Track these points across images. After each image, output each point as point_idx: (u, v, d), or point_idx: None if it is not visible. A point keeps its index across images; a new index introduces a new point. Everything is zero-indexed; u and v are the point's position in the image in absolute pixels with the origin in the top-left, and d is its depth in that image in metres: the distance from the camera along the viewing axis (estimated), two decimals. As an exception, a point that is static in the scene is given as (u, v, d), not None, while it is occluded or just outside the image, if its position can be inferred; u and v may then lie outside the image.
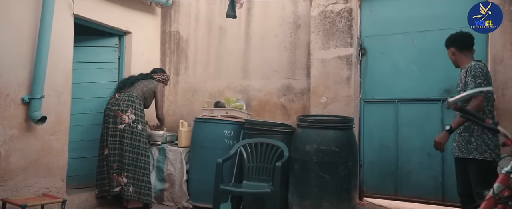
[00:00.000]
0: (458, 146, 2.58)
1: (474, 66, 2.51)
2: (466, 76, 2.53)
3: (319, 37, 3.64)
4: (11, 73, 2.93)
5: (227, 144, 3.62)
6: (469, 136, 2.50)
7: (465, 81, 2.53)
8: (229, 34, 4.32)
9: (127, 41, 4.26)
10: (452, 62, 2.73)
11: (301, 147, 3.09)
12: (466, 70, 2.54)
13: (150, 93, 3.88)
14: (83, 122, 4.00)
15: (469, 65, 2.54)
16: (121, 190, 3.55)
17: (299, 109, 3.90)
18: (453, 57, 2.69)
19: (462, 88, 2.57)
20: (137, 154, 3.60)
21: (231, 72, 4.29)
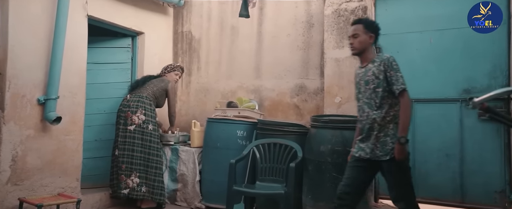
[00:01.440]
0: (372, 149, 2.31)
1: (392, 58, 2.28)
2: (384, 70, 2.26)
3: (333, 36, 3.59)
4: (27, 74, 2.96)
5: (239, 145, 3.60)
6: (385, 136, 2.29)
7: (385, 76, 2.26)
8: (242, 33, 4.29)
9: (139, 42, 4.27)
10: (356, 47, 2.39)
11: (315, 147, 3.05)
12: (382, 64, 2.28)
13: (161, 92, 3.87)
14: (97, 122, 4.03)
15: (385, 57, 2.30)
16: (129, 192, 3.54)
17: (313, 109, 3.86)
18: (365, 42, 2.37)
19: (378, 83, 2.29)
20: (148, 154, 3.60)
21: (243, 72, 4.27)
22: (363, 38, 2.38)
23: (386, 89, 2.29)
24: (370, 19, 2.52)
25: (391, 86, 2.27)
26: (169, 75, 4.00)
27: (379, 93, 2.30)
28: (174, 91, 4.02)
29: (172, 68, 4.05)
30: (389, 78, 2.27)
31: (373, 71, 2.33)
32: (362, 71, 2.44)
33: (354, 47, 2.41)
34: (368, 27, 2.39)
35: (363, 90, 2.39)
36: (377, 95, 2.31)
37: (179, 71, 4.11)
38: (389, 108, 2.30)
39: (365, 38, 2.38)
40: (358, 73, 2.48)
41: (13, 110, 2.86)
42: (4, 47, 2.83)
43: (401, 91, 2.24)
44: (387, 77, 2.27)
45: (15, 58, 2.87)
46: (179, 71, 4.12)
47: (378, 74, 2.30)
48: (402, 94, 2.25)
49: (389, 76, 2.26)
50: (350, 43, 2.43)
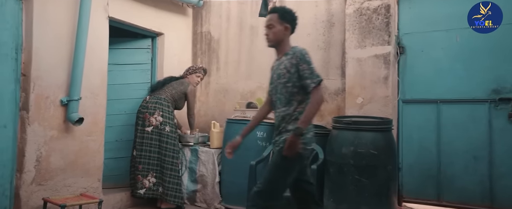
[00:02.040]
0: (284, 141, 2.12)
1: (303, 50, 2.13)
2: (296, 63, 2.10)
3: (354, 35, 3.51)
4: (51, 76, 3.00)
5: (259, 146, 3.57)
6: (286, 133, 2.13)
7: (297, 69, 2.09)
8: (261, 33, 4.23)
9: (159, 42, 4.29)
10: (271, 39, 2.22)
11: (337, 149, 2.98)
12: (293, 56, 2.12)
13: (180, 95, 3.88)
14: (118, 123, 4.06)
15: (296, 49, 2.15)
16: (145, 192, 3.59)
17: (333, 109, 3.79)
18: (280, 33, 2.19)
19: (289, 78, 2.12)
20: (164, 155, 3.61)
21: (262, 72, 4.21)
22: (278, 29, 2.19)
23: (296, 84, 2.11)
24: (286, 8, 2.28)
25: (304, 81, 2.07)
26: (190, 77, 4.00)
27: (289, 88, 2.13)
28: (193, 94, 4.01)
29: (193, 70, 4.05)
30: (301, 71, 2.08)
31: (285, 64, 2.16)
32: (276, 64, 2.27)
33: (269, 38, 2.23)
34: (283, 17, 2.21)
35: (275, 85, 2.23)
36: (287, 90, 2.14)
37: (201, 73, 4.10)
38: (298, 105, 2.13)
39: (280, 29, 2.20)
40: (273, 66, 2.33)
41: (37, 111, 2.90)
42: (28, 49, 2.87)
43: (316, 85, 2.05)
44: (299, 70, 2.08)
45: (39, 60, 2.91)
46: (201, 73, 4.10)
47: (289, 67, 2.12)
48: (314, 89, 2.05)
49: (301, 70, 2.08)
50: (265, 34, 2.25)
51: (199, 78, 4.09)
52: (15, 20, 2.80)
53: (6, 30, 2.73)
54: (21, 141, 2.85)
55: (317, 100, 2.06)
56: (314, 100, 2.06)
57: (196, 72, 4.04)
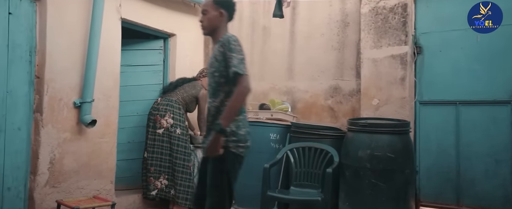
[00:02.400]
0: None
1: (232, 37, 1.96)
2: (223, 52, 1.94)
3: (370, 35, 3.44)
4: (64, 78, 3.00)
5: (272, 148, 3.52)
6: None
7: (224, 57, 1.93)
8: (274, 34, 4.21)
9: (171, 43, 4.27)
10: (205, 26, 2.06)
11: (352, 152, 2.92)
12: (222, 44, 1.97)
13: (192, 98, 3.84)
14: (130, 124, 4.05)
15: (225, 36, 1.99)
16: (157, 192, 3.58)
17: (348, 111, 3.72)
18: (215, 20, 2.03)
19: (217, 67, 1.97)
20: (175, 158, 3.58)
21: (275, 73, 4.18)
22: (212, 15, 2.03)
23: (223, 74, 1.96)
24: None
25: (229, 69, 1.91)
26: (204, 80, 3.95)
27: (216, 78, 1.99)
28: (205, 99, 3.89)
29: (204, 73, 3.99)
30: (227, 60, 1.92)
31: (214, 52, 2.03)
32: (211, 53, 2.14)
33: (203, 25, 2.09)
34: (218, 2, 2.06)
35: (208, 75, 2.09)
36: (214, 80, 2.01)
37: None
38: (225, 97, 1.97)
39: (214, 15, 2.03)
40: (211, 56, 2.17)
41: (50, 113, 2.90)
42: (42, 52, 2.87)
43: (236, 75, 1.87)
44: (226, 59, 1.93)
45: (52, 62, 2.90)
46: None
47: (218, 56, 1.98)
48: (238, 80, 1.87)
49: (228, 58, 1.92)
50: (200, 21, 2.10)
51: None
52: (29, 23, 2.80)
53: (21, 33, 2.74)
54: (35, 143, 2.85)
55: (241, 91, 1.87)
56: (237, 91, 1.87)
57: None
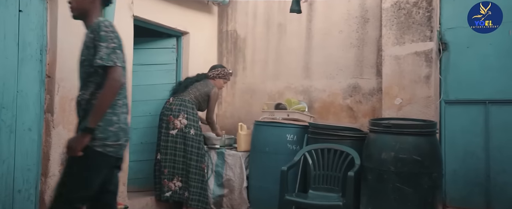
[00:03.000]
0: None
1: (102, 22, 1.79)
2: (94, 37, 1.80)
3: (392, 31, 3.27)
4: (75, 77, 2.87)
5: (289, 149, 3.38)
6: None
7: (94, 44, 1.79)
8: (289, 31, 4.07)
9: (184, 42, 4.17)
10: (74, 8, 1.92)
11: (375, 155, 2.76)
12: (92, 30, 1.82)
13: (204, 97, 3.74)
14: (143, 125, 3.97)
15: (96, 21, 1.83)
16: (171, 194, 3.49)
17: (368, 111, 3.56)
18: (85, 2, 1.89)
19: (87, 55, 1.83)
20: (190, 159, 3.48)
21: (291, 71, 4.04)
22: None
23: (92, 63, 1.80)
24: None
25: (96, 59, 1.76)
26: (217, 81, 3.85)
27: (86, 68, 1.86)
28: (216, 98, 3.83)
29: (223, 75, 3.89)
30: (96, 48, 1.78)
31: (85, 39, 1.89)
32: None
33: (72, 7, 1.92)
34: None
35: (78, 65, 1.95)
36: (84, 70, 1.88)
37: (229, 78, 4.01)
38: (96, 88, 1.83)
39: None
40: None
41: (61, 114, 2.82)
42: (53, 50, 2.79)
43: (103, 68, 1.73)
44: (95, 46, 1.78)
45: (63, 61, 2.82)
46: (229, 79, 4.01)
47: (88, 43, 1.84)
48: (107, 72, 1.74)
49: (96, 47, 1.78)
50: (68, 2, 1.95)
51: (226, 84, 4.01)
52: (40, 21, 2.73)
53: (31, 31, 2.66)
54: (46, 144, 2.77)
55: (111, 85, 1.73)
56: (106, 85, 1.74)
57: (225, 78, 3.92)
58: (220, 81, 3.87)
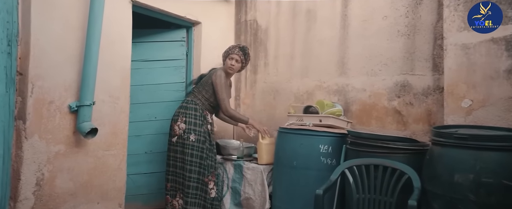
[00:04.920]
0: None
1: None
2: None
3: (458, 12, 2.52)
4: (56, 74, 2.34)
5: (323, 164, 2.70)
6: None
7: None
8: (320, 18, 3.38)
9: (196, 33, 3.56)
10: None
11: (444, 176, 2.04)
12: None
13: (210, 87, 3.00)
14: (148, 131, 3.39)
15: None
16: None
17: (421, 115, 2.83)
18: None
19: None
20: (189, 171, 2.85)
21: (323, 67, 3.36)
22: None
23: None
24: None
25: None
26: (225, 64, 3.12)
27: None
28: (220, 82, 2.95)
29: (225, 53, 3.10)
30: None
31: None
32: None
33: None
34: None
35: None
36: None
37: (236, 54, 3.03)
38: None
39: None
40: None
41: (37, 121, 2.25)
42: (26, 40, 2.23)
43: None
44: None
45: (40, 54, 2.26)
46: (236, 54, 3.03)
47: None
48: None
49: None
50: None
51: (234, 62, 3.02)
52: (7, 2, 2.15)
53: (-6, 15, 2.09)
54: (16, 159, 2.20)
55: None
56: None
57: (229, 54, 3.05)
58: (226, 61, 3.06)
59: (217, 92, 2.96)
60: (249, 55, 3.13)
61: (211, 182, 2.94)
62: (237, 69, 3.09)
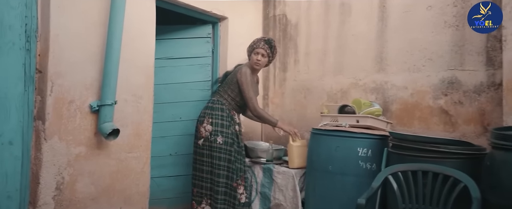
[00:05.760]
0: None
1: None
2: None
3: (518, -2, 2.23)
4: (77, 72, 2.22)
5: (362, 169, 2.45)
6: None
7: None
8: (355, 11, 3.13)
9: (222, 29, 3.38)
10: None
11: (509, 186, 1.76)
12: None
13: (236, 86, 2.81)
14: (173, 132, 3.24)
15: None
16: None
17: (473, 115, 2.54)
18: None
19: None
20: (217, 175, 2.67)
21: (358, 63, 3.10)
22: None
23: None
24: None
25: None
26: (250, 59, 2.91)
27: None
28: (246, 79, 2.74)
29: (250, 47, 2.89)
30: None
31: None
32: None
33: None
34: None
35: None
36: None
37: (262, 48, 2.80)
38: None
39: None
40: None
41: (57, 121, 2.13)
42: (45, 36, 2.11)
43: None
44: None
45: (59, 51, 2.13)
46: (262, 48, 2.80)
47: None
48: None
49: None
50: None
51: (260, 56, 2.80)
52: (26, -3, 2.04)
53: (12, 10, 1.98)
54: (35, 162, 2.09)
55: None
56: None
57: (255, 49, 2.83)
58: (251, 56, 2.85)
59: (243, 91, 2.77)
60: (275, 48, 2.91)
61: (241, 187, 2.74)
62: (263, 64, 2.88)
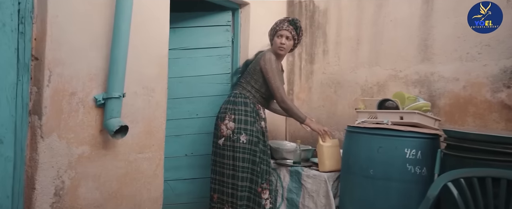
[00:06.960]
0: None
1: None
2: None
3: None
4: (79, 59, 1.92)
5: (410, 174, 2.09)
6: None
7: None
8: (394, -7, 2.76)
9: (243, 17, 3.06)
10: None
11: None
12: None
13: (259, 75, 2.47)
14: (189, 131, 2.94)
15: None
16: None
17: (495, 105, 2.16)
18: None
19: None
20: (240, 179, 2.34)
21: (398, 52, 2.73)
22: None
23: None
24: None
25: None
26: (273, 43, 2.56)
27: None
28: (271, 66, 2.41)
29: (272, 30, 2.56)
30: None
31: None
32: None
33: None
34: None
35: None
36: None
37: (286, 29, 2.48)
38: None
39: None
40: None
41: (56, 116, 1.84)
42: (42, 18, 1.82)
43: None
44: None
45: (59, 35, 1.84)
46: (286, 30, 2.48)
47: None
48: None
49: None
50: None
51: (284, 38, 2.48)
52: (19, -29, 1.76)
53: (2, -15, 1.70)
54: (30, 164, 1.80)
55: None
56: None
57: (278, 31, 2.50)
58: (274, 40, 2.53)
59: (269, 80, 2.42)
60: (301, 29, 2.55)
61: (266, 192, 2.40)
62: (288, 48, 2.53)
